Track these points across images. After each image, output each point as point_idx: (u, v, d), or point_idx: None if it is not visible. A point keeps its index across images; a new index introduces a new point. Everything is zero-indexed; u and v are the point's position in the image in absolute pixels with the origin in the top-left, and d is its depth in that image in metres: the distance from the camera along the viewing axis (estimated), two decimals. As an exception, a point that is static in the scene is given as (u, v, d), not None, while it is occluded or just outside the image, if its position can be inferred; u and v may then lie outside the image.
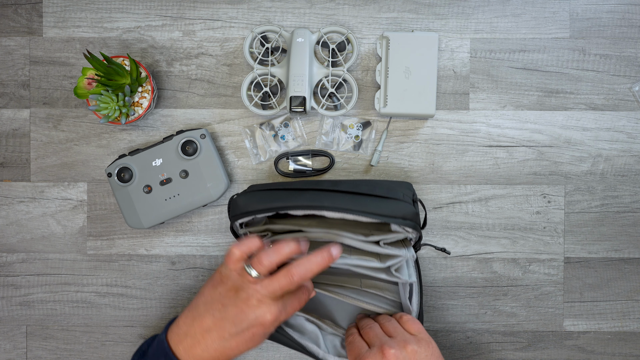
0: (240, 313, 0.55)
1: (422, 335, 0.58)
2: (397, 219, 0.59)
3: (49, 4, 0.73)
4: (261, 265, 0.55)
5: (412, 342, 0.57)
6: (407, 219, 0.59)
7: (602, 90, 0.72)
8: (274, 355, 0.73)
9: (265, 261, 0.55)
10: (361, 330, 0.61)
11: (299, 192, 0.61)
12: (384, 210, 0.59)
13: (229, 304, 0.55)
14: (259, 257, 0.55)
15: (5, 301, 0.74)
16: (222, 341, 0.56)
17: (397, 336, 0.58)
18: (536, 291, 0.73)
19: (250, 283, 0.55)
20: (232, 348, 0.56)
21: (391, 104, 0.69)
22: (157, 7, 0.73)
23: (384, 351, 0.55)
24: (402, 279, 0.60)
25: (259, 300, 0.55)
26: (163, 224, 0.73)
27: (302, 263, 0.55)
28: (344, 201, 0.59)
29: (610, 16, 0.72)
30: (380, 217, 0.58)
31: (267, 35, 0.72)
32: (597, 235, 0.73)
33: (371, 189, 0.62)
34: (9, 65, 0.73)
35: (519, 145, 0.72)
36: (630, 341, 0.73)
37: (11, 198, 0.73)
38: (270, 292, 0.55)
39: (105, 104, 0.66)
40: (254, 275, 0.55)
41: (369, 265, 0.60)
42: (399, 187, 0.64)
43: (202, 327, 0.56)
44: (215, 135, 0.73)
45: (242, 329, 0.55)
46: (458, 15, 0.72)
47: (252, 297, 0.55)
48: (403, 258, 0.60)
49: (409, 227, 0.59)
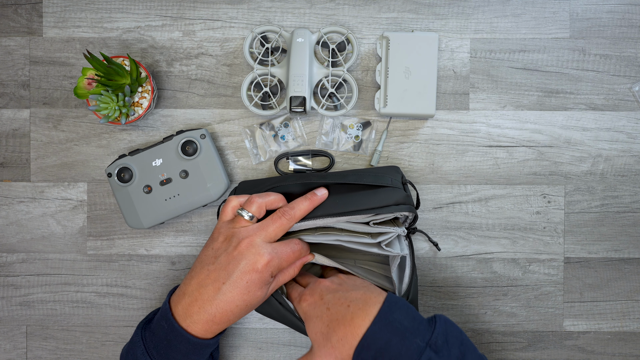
0: (232, 260, 0.55)
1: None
2: (390, 207, 0.60)
3: (49, 4, 0.73)
4: (253, 204, 0.58)
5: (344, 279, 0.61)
6: (400, 204, 0.60)
7: (602, 90, 0.72)
8: (274, 355, 0.73)
9: (257, 201, 0.58)
10: (298, 279, 0.65)
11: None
12: (375, 202, 0.60)
13: (221, 254, 0.55)
14: (251, 199, 0.58)
15: (5, 301, 0.74)
16: (218, 294, 0.54)
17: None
18: (536, 291, 0.73)
19: (241, 228, 0.57)
20: (228, 301, 0.55)
21: (391, 104, 0.69)
22: (157, 7, 0.73)
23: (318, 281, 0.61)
24: (394, 252, 0.60)
25: (249, 243, 0.55)
26: (163, 224, 0.73)
27: (291, 203, 0.59)
28: (334, 206, 0.61)
29: (610, 16, 0.72)
30: (374, 210, 0.59)
31: (267, 35, 0.72)
32: (597, 235, 0.73)
33: (359, 178, 0.62)
34: (9, 65, 0.73)
35: (519, 146, 0.72)
36: (630, 341, 0.73)
37: (11, 198, 0.73)
38: (260, 230, 0.56)
39: (105, 104, 0.66)
40: (247, 217, 0.57)
41: (360, 240, 0.60)
42: (387, 172, 0.65)
43: (198, 282, 0.56)
44: (215, 135, 0.73)
45: (235, 277, 0.54)
46: (458, 15, 0.72)
47: (243, 241, 0.55)
48: (394, 233, 0.60)
49: (404, 212, 0.60)
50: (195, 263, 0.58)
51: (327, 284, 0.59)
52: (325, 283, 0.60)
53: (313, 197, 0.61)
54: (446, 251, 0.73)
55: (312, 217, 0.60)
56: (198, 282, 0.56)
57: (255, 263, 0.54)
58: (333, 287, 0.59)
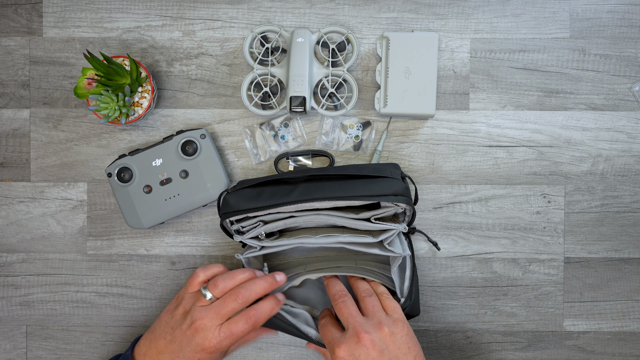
0: (185, 337, 0.57)
1: (397, 316, 0.57)
2: (388, 196, 0.60)
3: (49, 4, 0.73)
4: (216, 288, 0.58)
5: (387, 323, 0.56)
6: (398, 195, 0.60)
7: (602, 90, 0.72)
8: (274, 355, 0.73)
9: (221, 284, 0.58)
10: (334, 305, 0.59)
11: (290, 187, 0.61)
12: (375, 190, 0.60)
13: (177, 328, 0.58)
14: (215, 280, 0.58)
15: (5, 301, 0.74)
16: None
17: (372, 317, 0.56)
18: (536, 291, 0.73)
19: (199, 307, 0.57)
20: None
21: (391, 104, 0.69)
22: (157, 7, 0.73)
23: (359, 335, 0.54)
24: (396, 252, 0.60)
25: (201, 326, 0.57)
26: (163, 224, 0.73)
27: (247, 285, 0.58)
28: (333, 189, 0.60)
29: (610, 16, 0.72)
30: (372, 197, 0.59)
31: (267, 35, 0.72)
32: (597, 235, 0.73)
33: (359, 170, 0.62)
34: (9, 65, 0.73)
35: (519, 145, 0.72)
36: (630, 341, 0.73)
37: (11, 198, 0.73)
38: (214, 313, 0.57)
39: (105, 104, 0.66)
40: (208, 298, 0.58)
41: (361, 241, 0.60)
42: (386, 167, 0.65)
43: (157, 349, 0.59)
44: (215, 135, 0.73)
45: (187, 354, 0.57)
46: (458, 15, 0.72)
47: (196, 322, 0.57)
48: (395, 230, 0.60)
49: (401, 202, 0.60)
50: (156, 323, 0.61)
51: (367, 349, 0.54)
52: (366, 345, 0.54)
53: (272, 279, 0.60)
54: (446, 251, 0.73)
55: (311, 199, 0.59)
56: (157, 348, 0.59)
57: (204, 345, 0.56)
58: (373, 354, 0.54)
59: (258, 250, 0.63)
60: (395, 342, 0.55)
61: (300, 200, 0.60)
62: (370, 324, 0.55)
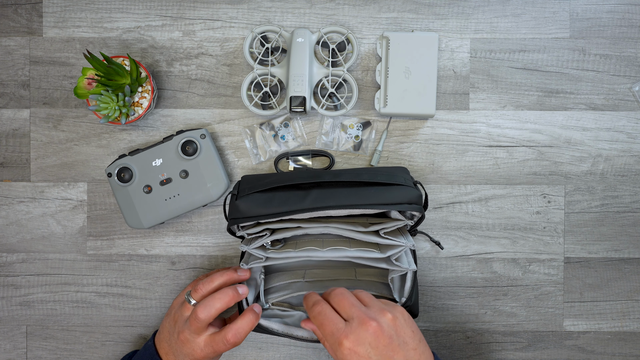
0: (177, 346, 0.62)
1: (391, 303, 0.57)
2: (403, 204, 0.59)
3: (49, 4, 0.73)
4: (197, 293, 0.61)
5: (388, 308, 0.55)
6: (412, 203, 0.60)
7: (602, 90, 0.72)
8: (274, 355, 0.73)
9: (201, 290, 0.61)
10: (331, 300, 0.56)
11: (303, 193, 0.60)
12: (389, 198, 0.59)
13: (171, 336, 0.63)
14: (197, 286, 0.62)
15: (5, 301, 0.74)
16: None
17: (371, 305, 0.55)
18: (536, 291, 0.73)
19: (181, 318, 0.62)
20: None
21: (391, 104, 0.69)
22: (157, 7, 0.73)
23: (367, 323, 0.52)
24: (403, 268, 0.60)
25: (184, 338, 0.61)
26: (163, 224, 0.73)
27: (205, 301, 0.60)
28: (348, 197, 0.59)
29: (610, 16, 0.72)
30: (387, 206, 0.59)
31: (267, 35, 0.72)
32: (597, 235, 0.73)
33: (373, 177, 0.61)
34: (9, 65, 0.73)
35: (519, 145, 0.72)
36: (630, 341, 0.73)
37: (11, 198, 0.73)
38: (189, 330, 0.60)
39: (105, 104, 0.66)
40: (192, 304, 0.61)
41: (369, 256, 0.60)
42: (398, 172, 0.64)
43: (164, 350, 0.64)
44: (215, 135, 0.73)
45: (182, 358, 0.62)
46: (458, 15, 0.72)
47: (181, 334, 0.61)
48: (404, 247, 0.60)
49: (415, 212, 0.59)
50: (162, 323, 0.66)
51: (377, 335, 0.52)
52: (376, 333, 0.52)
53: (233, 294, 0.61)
54: (446, 251, 0.73)
55: (325, 207, 0.58)
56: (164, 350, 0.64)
57: (193, 355, 0.61)
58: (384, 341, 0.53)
59: (264, 261, 0.63)
60: (401, 326, 0.54)
61: (314, 208, 0.59)
62: (374, 310, 0.54)
